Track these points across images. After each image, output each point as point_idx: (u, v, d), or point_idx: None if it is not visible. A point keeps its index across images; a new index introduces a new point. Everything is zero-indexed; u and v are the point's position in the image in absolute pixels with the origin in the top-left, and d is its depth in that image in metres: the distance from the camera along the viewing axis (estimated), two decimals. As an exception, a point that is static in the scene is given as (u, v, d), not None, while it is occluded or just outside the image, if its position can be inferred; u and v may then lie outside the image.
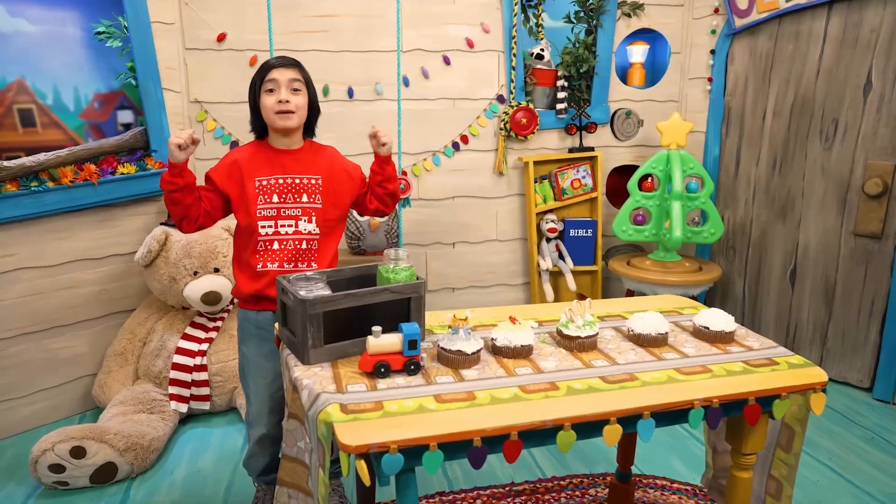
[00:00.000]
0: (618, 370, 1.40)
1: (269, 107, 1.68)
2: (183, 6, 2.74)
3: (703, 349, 1.52)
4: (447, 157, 3.12)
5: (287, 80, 1.69)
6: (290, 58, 1.75)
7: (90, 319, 2.62)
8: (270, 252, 1.73)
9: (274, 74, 1.68)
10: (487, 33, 3.02)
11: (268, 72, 1.69)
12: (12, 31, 2.54)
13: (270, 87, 1.68)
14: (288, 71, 1.70)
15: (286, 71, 1.70)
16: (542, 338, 1.59)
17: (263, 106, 1.70)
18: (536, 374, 1.37)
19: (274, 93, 1.68)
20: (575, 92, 3.19)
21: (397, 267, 1.52)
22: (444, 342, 1.41)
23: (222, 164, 1.75)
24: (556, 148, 3.23)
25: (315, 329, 1.38)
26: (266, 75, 1.69)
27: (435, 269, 3.23)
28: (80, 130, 2.71)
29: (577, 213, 3.27)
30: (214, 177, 1.74)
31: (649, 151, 3.27)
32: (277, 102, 1.67)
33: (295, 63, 1.73)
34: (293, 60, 1.74)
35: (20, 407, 2.48)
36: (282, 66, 1.70)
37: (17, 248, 2.40)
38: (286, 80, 1.69)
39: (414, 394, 1.27)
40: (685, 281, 2.90)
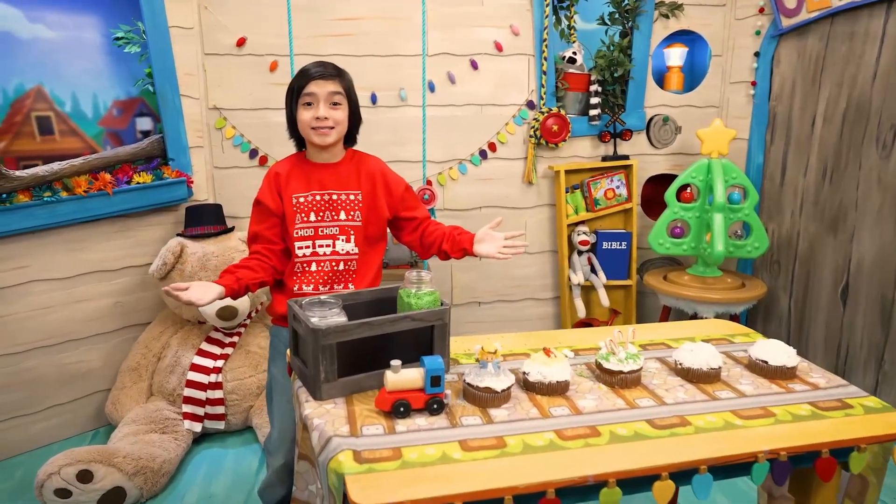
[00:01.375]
0: (667, 412, 1.24)
1: (305, 122, 1.57)
2: (202, 10, 2.65)
3: (761, 387, 1.36)
4: (474, 165, 2.98)
5: (326, 93, 1.56)
6: (331, 66, 1.61)
7: (104, 333, 2.55)
8: (308, 273, 1.64)
9: (312, 88, 1.55)
10: (517, 36, 2.88)
11: (306, 84, 1.55)
12: (31, 38, 2.49)
13: (308, 100, 1.56)
14: (328, 83, 1.56)
15: (326, 83, 1.56)
16: (579, 370, 1.44)
17: (300, 120, 1.58)
18: (574, 416, 1.22)
19: (312, 107, 1.56)
20: (609, 97, 3.03)
21: (420, 291, 1.39)
22: (471, 377, 1.27)
23: (266, 182, 1.65)
24: (589, 156, 3.06)
25: (328, 362, 1.26)
26: (304, 87, 1.55)
27: (461, 283, 3.10)
28: (98, 138, 2.64)
29: (611, 225, 3.10)
30: (266, 200, 1.63)
31: (687, 160, 3.09)
32: (315, 119, 1.55)
33: (335, 73, 1.59)
34: (334, 69, 1.60)
35: (32, 423, 2.41)
36: (321, 77, 1.56)
37: (29, 260, 2.33)
38: (325, 94, 1.56)
39: (437, 438, 1.13)
40: (727, 298, 2.71)
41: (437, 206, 2.97)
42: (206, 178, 2.75)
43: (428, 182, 2.93)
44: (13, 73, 2.44)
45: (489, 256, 1.65)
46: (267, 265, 1.62)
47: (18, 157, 2.45)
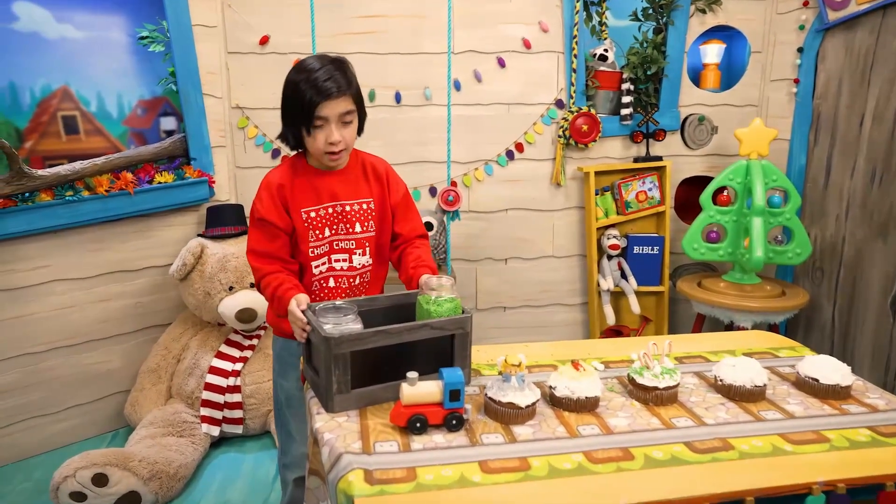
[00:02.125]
0: (707, 434, 1.14)
1: (317, 147, 1.43)
2: (226, 8, 2.62)
3: (812, 408, 1.24)
4: (500, 166, 2.89)
5: (338, 115, 1.40)
6: (340, 76, 1.40)
7: (125, 334, 2.52)
8: (327, 290, 1.53)
9: (325, 111, 1.38)
10: (546, 33, 2.79)
11: (316, 105, 1.37)
12: (58, 38, 2.48)
13: (319, 123, 1.40)
14: (339, 103, 1.39)
15: (337, 103, 1.39)
16: (610, 384, 1.34)
17: (310, 144, 1.43)
18: (605, 436, 1.12)
19: (323, 129, 1.41)
20: (641, 96, 2.91)
21: (440, 298, 1.31)
22: (494, 391, 1.18)
23: (268, 196, 1.47)
24: (620, 157, 2.95)
25: (341, 372, 1.18)
26: (314, 108, 1.38)
27: (485, 287, 3.01)
28: (122, 138, 2.63)
29: (643, 229, 2.97)
30: (274, 219, 1.46)
31: (724, 161, 2.95)
32: (328, 143, 1.42)
33: (346, 87, 1.41)
34: (343, 83, 1.40)
35: (52, 423, 2.39)
36: (331, 97, 1.38)
37: (51, 260, 2.32)
38: (337, 116, 1.40)
39: (455, 458, 1.05)
40: (766, 307, 2.57)
41: (463, 209, 2.89)
42: (227, 178, 2.72)
43: (453, 183, 2.85)
44: (40, 73, 2.44)
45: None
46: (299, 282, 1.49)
47: (45, 157, 2.45)
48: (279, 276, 1.44)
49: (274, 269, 1.46)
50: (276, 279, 1.43)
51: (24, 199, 2.18)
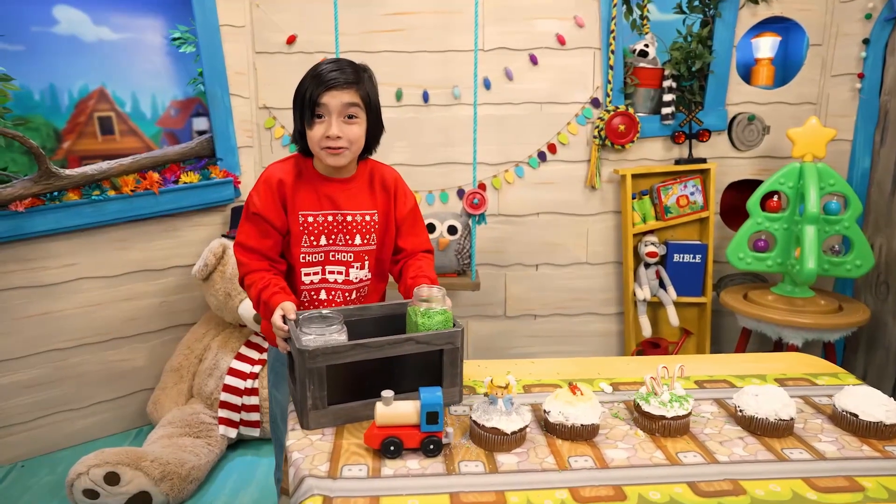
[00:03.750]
0: (717, 473, 1.00)
1: (315, 140, 1.33)
2: (253, 8, 2.61)
3: (847, 448, 1.08)
4: (532, 168, 2.77)
5: (340, 105, 1.31)
6: (349, 68, 1.34)
7: (149, 332, 2.55)
8: (317, 302, 1.45)
9: (325, 99, 1.29)
10: (582, 28, 2.65)
11: (317, 94, 1.30)
12: (96, 40, 2.53)
13: (320, 112, 1.31)
14: (343, 93, 1.30)
15: (341, 93, 1.30)
16: (615, 410, 1.21)
17: (310, 136, 1.34)
18: (598, 471, 1.01)
19: (323, 121, 1.31)
20: (685, 94, 2.73)
21: (430, 310, 1.22)
22: (478, 414, 1.08)
23: (266, 190, 1.38)
24: (660, 159, 2.77)
25: (316, 387, 1.11)
26: (315, 98, 1.30)
27: (515, 294, 2.89)
28: (156, 138, 2.66)
29: (684, 235, 2.79)
30: (270, 216, 1.38)
31: (776, 164, 2.72)
32: (325, 137, 1.32)
33: (354, 79, 1.32)
34: (352, 74, 1.32)
35: (77, 419, 2.44)
36: (335, 86, 1.29)
37: (79, 258, 2.36)
38: (339, 107, 1.31)
39: (425, 488, 0.96)
40: (819, 324, 2.34)
41: (491, 212, 2.78)
42: (254, 179, 2.70)
43: (481, 185, 2.75)
44: (78, 74, 2.50)
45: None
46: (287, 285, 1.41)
47: (81, 157, 2.50)
48: (266, 277, 1.37)
49: (261, 268, 1.39)
50: (262, 279, 1.36)
51: (52, 198, 2.22)
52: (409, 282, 1.42)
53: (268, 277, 1.37)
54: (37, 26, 2.42)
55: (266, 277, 1.36)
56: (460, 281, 2.51)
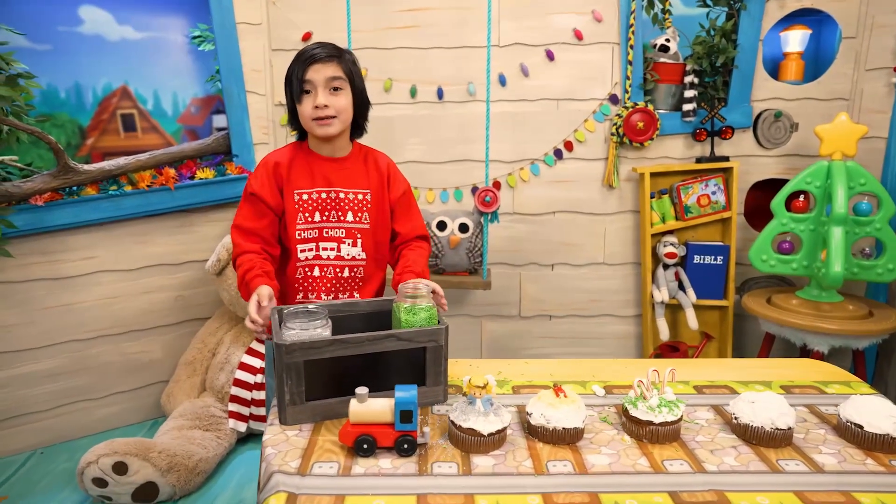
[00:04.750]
0: (701, 483, 0.95)
1: (305, 113, 1.41)
2: (270, 5, 2.63)
3: (849, 461, 1.02)
4: (548, 166, 2.72)
5: (325, 79, 1.39)
6: (331, 46, 1.43)
7: (166, 325, 2.60)
8: (311, 280, 1.48)
9: (309, 73, 1.39)
10: (600, 23, 2.58)
11: (302, 70, 1.39)
12: (119, 39, 2.59)
13: (307, 88, 1.40)
14: (326, 67, 1.39)
15: (323, 67, 1.39)
16: (604, 414, 1.17)
17: (301, 111, 1.42)
18: (575, 476, 0.97)
19: (311, 95, 1.40)
20: (708, 90, 2.64)
21: (415, 306, 1.20)
22: (456, 414, 1.06)
23: (263, 172, 1.46)
24: (681, 157, 2.69)
25: (294, 382, 1.10)
26: (300, 74, 1.39)
27: (530, 294, 2.84)
28: (176, 135, 2.71)
29: (705, 236, 2.69)
30: (266, 196, 1.44)
31: (804, 162, 2.61)
32: (314, 108, 1.39)
33: (334, 54, 1.41)
34: (333, 50, 1.42)
35: (97, 408, 2.50)
36: (318, 61, 1.39)
37: (98, 251, 2.41)
38: (323, 80, 1.39)
39: (393, 488, 0.93)
40: (847, 330, 2.23)
41: (506, 210, 2.74)
42: (269, 176, 2.73)
43: (495, 184, 2.72)
44: (102, 73, 2.55)
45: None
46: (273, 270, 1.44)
47: (104, 153, 2.56)
48: (254, 259, 1.40)
49: (253, 249, 1.43)
50: (250, 261, 1.40)
51: (70, 192, 2.28)
52: (396, 277, 1.46)
53: (255, 260, 1.40)
54: (63, 26, 2.48)
55: (253, 260, 1.40)
56: (471, 280, 2.48)
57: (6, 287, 2.27)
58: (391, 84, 2.66)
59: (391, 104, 2.69)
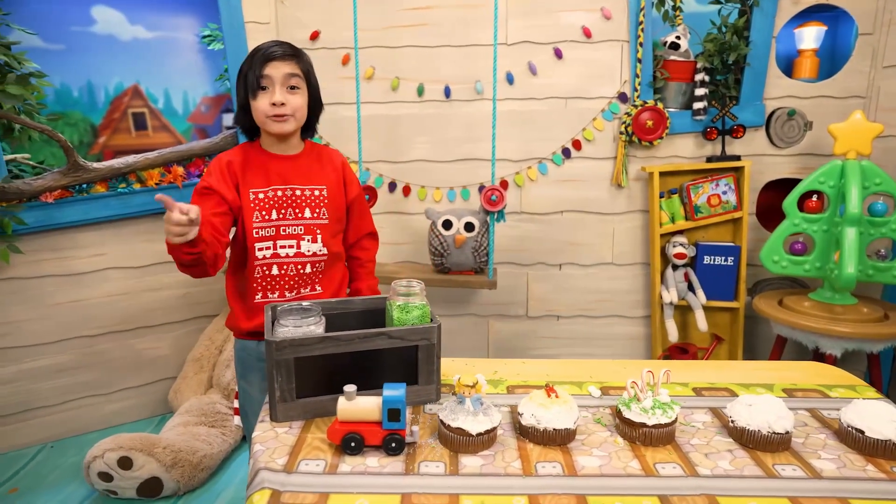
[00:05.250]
0: (693, 487, 0.93)
1: (261, 109, 1.39)
2: (278, 4, 2.64)
3: (849, 466, 0.99)
4: (556, 165, 2.69)
5: (283, 76, 1.38)
6: (288, 44, 1.42)
7: (174, 322, 2.62)
8: (269, 279, 1.46)
9: (268, 70, 1.37)
10: (609, 20, 2.55)
11: (260, 66, 1.37)
12: (131, 39, 2.62)
13: (264, 84, 1.38)
14: (284, 64, 1.38)
15: (282, 64, 1.38)
16: (599, 415, 1.15)
17: (255, 108, 1.40)
18: (564, 478, 0.95)
19: (267, 92, 1.39)
20: (720, 88, 2.59)
21: (408, 304, 1.19)
22: (445, 413, 1.04)
23: (216, 169, 1.42)
24: (691, 156, 2.65)
25: (284, 379, 1.10)
26: (258, 70, 1.37)
27: (537, 294, 2.82)
28: (187, 134, 2.73)
29: (716, 237, 2.65)
30: (220, 189, 1.39)
31: (818, 162, 2.56)
32: (271, 105, 1.38)
33: (293, 53, 1.41)
34: (291, 49, 1.41)
35: (105, 403, 2.53)
36: (276, 58, 1.38)
37: (107, 248, 2.44)
38: (281, 77, 1.38)
39: (379, 487, 0.93)
40: (860, 333, 2.18)
41: (514, 210, 2.73)
42: (277, 174, 2.74)
43: (503, 183, 2.70)
44: (114, 72, 2.59)
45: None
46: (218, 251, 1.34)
47: (116, 152, 2.59)
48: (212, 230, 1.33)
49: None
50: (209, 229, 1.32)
51: (80, 190, 2.31)
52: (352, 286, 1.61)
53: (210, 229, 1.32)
54: (76, 26, 2.51)
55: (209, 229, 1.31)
56: (477, 279, 2.47)
57: (17, 283, 2.31)
58: (398, 83, 2.66)
59: (398, 103, 2.68)
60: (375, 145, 2.69)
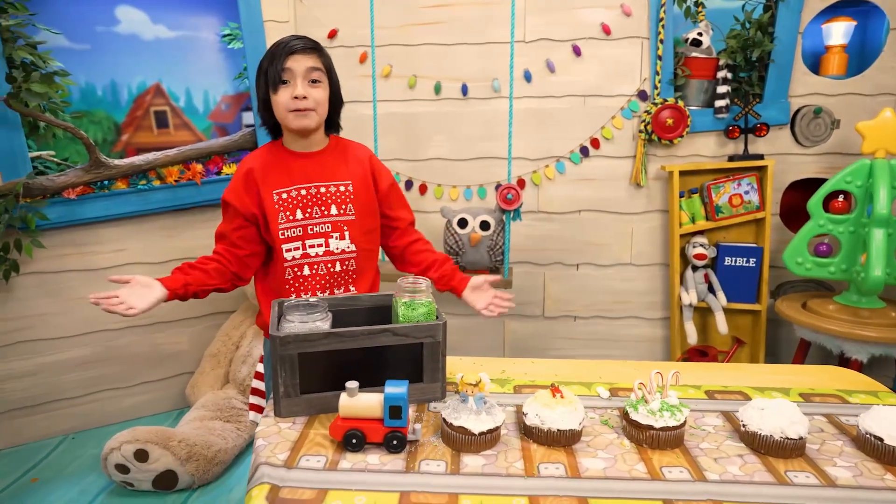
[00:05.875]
0: (700, 493, 0.90)
1: (282, 104, 1.37)
2: (297, 3, 2.66)
3: (865, 476, 0.95)
4: (574, 163, 2.66)
5: (305, 69, 1.35)
6: (310, 39, 1.40)
7: (192, 318, 2.65)
8: (301, 279, 1.45)
9: (289, 63, 1.34)
10: (629, 17, 2.51)
11: (281, 59, 1.35)
12: (153, 38, 2.66)
13: (285, 78, 1.36)
14: (306, 58, 1.36)
15: (303, 58, 1.35)
16: (606, 416, 1.13)
17: (276, 102, 1.38)
18: (566, 480, 0.93)
19: (288, 86, 1.36)
20: (743, 85, 2.53)
21: (414, 301, 1.18)
22: (448, 412, 1.03)
23: (236, 180, 1.44)
24: (713, 155, 2.59)
25: (288, 374, 1.10)
26: (279, 64, 1.35)
27: (554, 293, 2.79)
28: (207, 132, 2.77)
29: (737, 237, 2.59)
30: (234, 201, 1.43)
31: (845, 161, 2.48)
32: (292, 99, 1.36)
33: (314, 46, 1.39)
34: (312, 42, 1.39)
35: (124, 397, 2.57)
36: (298, 51, 1.36)
37: (128, 244, 2.48)
38: (303, 70, 1.35)
39: (378, 484, 0.92)
40: (887, 337, 2.11)
41: (531, 209, 2.70)
42: (295, 172, 2.76)
43: (519, 181, 2.68)
44: (137, 71, 2.63)
45: (475, 309, 1.48)
46: (226, 271, 1.44)
47: (138, 149, 2.64)
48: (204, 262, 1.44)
49: (215, 252, 1.47)
50: (200, 261, 1.45)
51: (101, 186, 2.35)
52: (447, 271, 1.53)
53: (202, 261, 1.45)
54: (101, 26, 2.56)
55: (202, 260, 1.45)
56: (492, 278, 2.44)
57: (42, 277, 2.36)
58: (415, 81, 2.65)
59: (416, 101, 2.68)
60: (392, 143, 2.69)
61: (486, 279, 1.48)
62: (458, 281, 1.50)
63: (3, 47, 2.12)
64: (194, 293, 1.41)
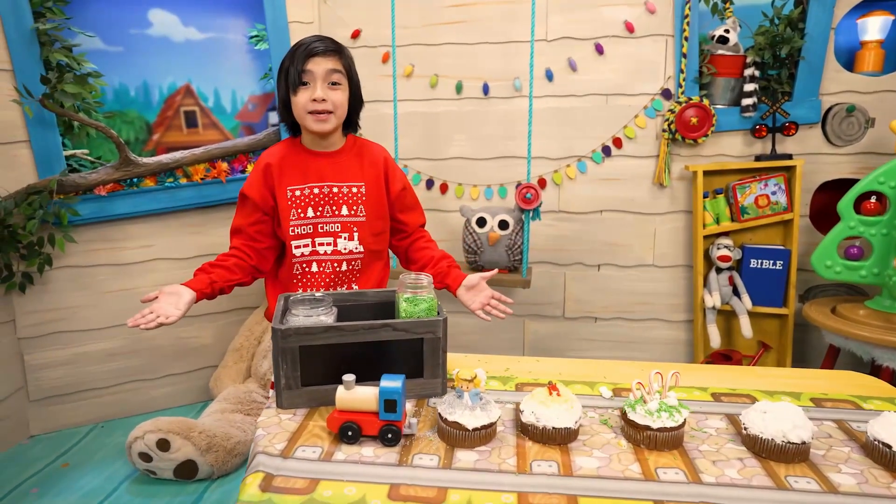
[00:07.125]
0: (694, 495, 0.89)
1: (301, 105, 1.39)
2: (321, 4, 2.70)
3: (870, 483, 0.92)
4: (595, 163, 2.63)
5: (325, 71, 1.38)
6: (330, 40, 1.42)
7: (217, 312, 2.72)
8: (310, 275, 1.49)
9: (309, 65, 1.37)
10: (653, 14, 2.48)
11: (302, 61, 1.38)
12: (184, 40, 2.73)
13: (305, 79, 1.38)
14: (327, 60, 1.38)
15: (324, 60, 1.38)
16: (606, 416, 1.12)
17: (295, 103, 1.41)
18: (559, 478, 0.93)
19: (308, 88, 1.38)
20: (772, 83, 2.47)
21: (416, 296, 1.19)
22: (444, 407, 1.04)
23: (255, 174, 1.48)
24: (739, 155, 2.53)
25: (289, 367, 1.12)
26: (300, 65, 1.38)
27: (574, 294, 2.77)
28: (234, 131, 2.83)
29: (764, 239, 2.52)
30: (254, 195, 1.46)
31: (880, 161, 2.40)
32: (311, 101, 1.38)
33: (335, 48, 1.41)
34: (333, 44, 1.41)
35: (150, 388, 2.65)
36: (319, 53, 1.38)
37: (155, 240, 2.56)
38: (323, 73, 1.38)
39: (370, 476, 0.93)
40: (920, 345, 2.03)
41: (552, 209, 2.68)
42: (318, 171, 2.80)
43: (540, 181, 2.66)
44: (168, 72, 2.71)
45: (469, 309, 1.45)
46: (246, 265, 1.47)
47: (168, 148, 2.71)
48: (224, 258, 1.46)
49: (232, 247, 1.49)
50: (220, 258, 1.46)
51: (130, 184, 2.43)
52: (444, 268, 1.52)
53: (222, 258, 1.46)
54: (134, 29, 2.64)
55: (221, 258, 1.46)
56: (510, 278, 2.44)
57: (74, 271, 2.45)
58: (437, 80, 2.66)
59: (437, 100, 2.69)
60: (414, 142, 2.71)
61: (483, 276, 1.46)
62: (451, 279, 1.49)
63: (41, 50, 2.21)
64: (220, 290, 1.44)
